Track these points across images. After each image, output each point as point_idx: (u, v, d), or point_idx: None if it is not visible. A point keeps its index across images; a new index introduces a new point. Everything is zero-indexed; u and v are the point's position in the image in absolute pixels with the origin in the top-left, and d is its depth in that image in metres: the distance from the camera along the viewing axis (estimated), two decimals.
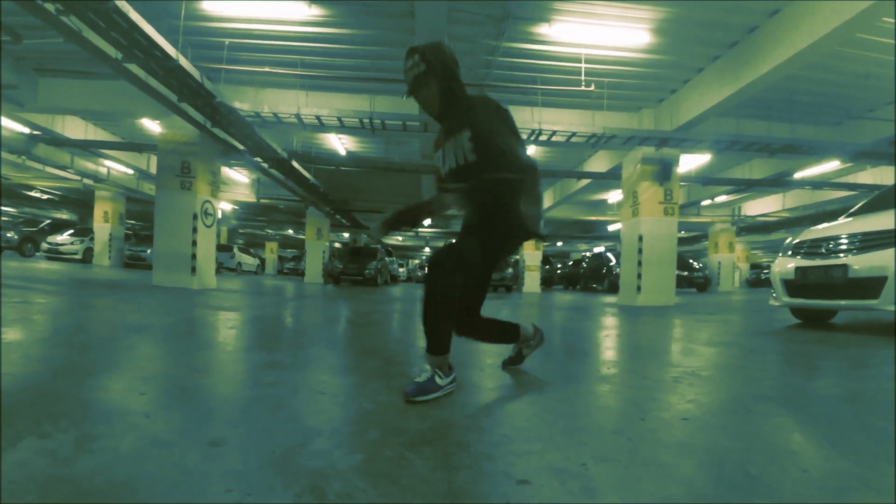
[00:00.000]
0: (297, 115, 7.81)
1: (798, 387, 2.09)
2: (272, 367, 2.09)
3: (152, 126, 10.29)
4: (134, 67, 5.93)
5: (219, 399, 1.60)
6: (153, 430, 1.22)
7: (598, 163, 11.88)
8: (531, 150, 11.48)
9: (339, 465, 1.03)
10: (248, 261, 23.55)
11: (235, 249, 22.40)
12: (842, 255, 3.74)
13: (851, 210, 4.53)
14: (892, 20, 5.88)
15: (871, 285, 3.48)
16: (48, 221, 18.32)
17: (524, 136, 8.39)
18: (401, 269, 30.16)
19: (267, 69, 6.85)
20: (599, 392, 1.87)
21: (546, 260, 21.71)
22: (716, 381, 2.11)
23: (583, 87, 7.05)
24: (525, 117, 8.53)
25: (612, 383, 2.03)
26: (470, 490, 0.95)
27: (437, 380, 1.63)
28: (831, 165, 11.75)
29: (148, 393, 1.58)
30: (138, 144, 10.91)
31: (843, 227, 3.98)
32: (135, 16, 4.94)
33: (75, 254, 15.69)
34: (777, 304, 4.36)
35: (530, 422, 1.45)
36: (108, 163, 13.95)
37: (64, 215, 24.47)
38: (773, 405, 1.70)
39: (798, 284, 4.07)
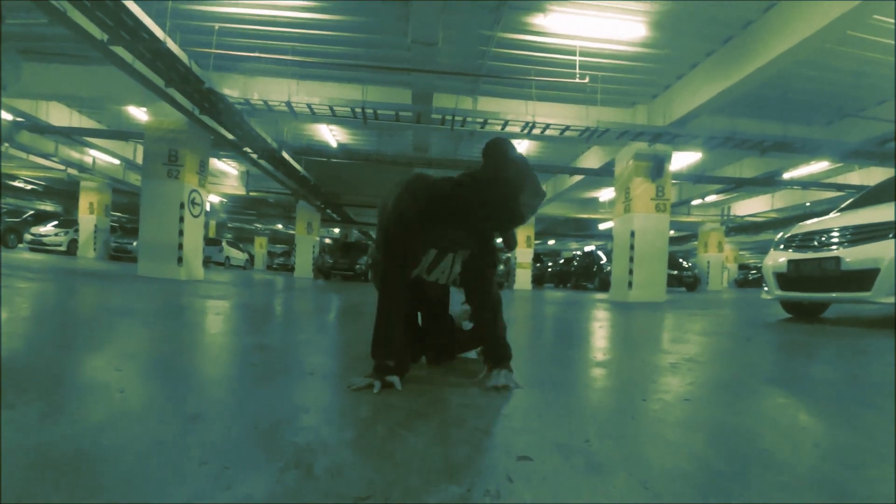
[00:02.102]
0: (288, 104, 7.67)
1: (797, 371, 2.06)
2: (259, 349, 2.01)
3: (139, 114, 10.07)
4: (120, 50, 5.76)
5: (201, 377, 1.52)
6: (128, 405, 1.14)
7: (591, 159, 11.87)
8: (525, 144, 11.43)
9: (328, 440, 0.96)
10: (237, 255, 23.29)
11: (224, 243, 22.13)
12: (834, 247, 3.73)
13: (842, 206, 4.53)
14: (885, 18, 5.90)
15: (863, 277, 3.47)
16: (31, 212, 17.90)
17: (518, 129, 8.33)
18: None
19: (257, 54, 6.70)
20: (597, 376, 1.82)
21: (537, 258, 21.72)
22: (714, 367, 2.07)
23: (577, 80, 6.99)
24: (519, 110, 8.47)
25: (610, 368, 1.98)
26: (468, 466, 0.89)
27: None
28: (821, 166, 11.87)
29: (125, 370, 1.50)
30: (124, 132, 10.66)
31: (834, 220, 3.97)
32: None
33: (60, 245, 15.37)
34: (769, 297, 4.35)
35: (527, 401, 1.39)
36: (93, 152, 13.63)
37: (48, 206, 23.95)
38: (775, 387, 1.67)
39: (791, 277, 4.06)
